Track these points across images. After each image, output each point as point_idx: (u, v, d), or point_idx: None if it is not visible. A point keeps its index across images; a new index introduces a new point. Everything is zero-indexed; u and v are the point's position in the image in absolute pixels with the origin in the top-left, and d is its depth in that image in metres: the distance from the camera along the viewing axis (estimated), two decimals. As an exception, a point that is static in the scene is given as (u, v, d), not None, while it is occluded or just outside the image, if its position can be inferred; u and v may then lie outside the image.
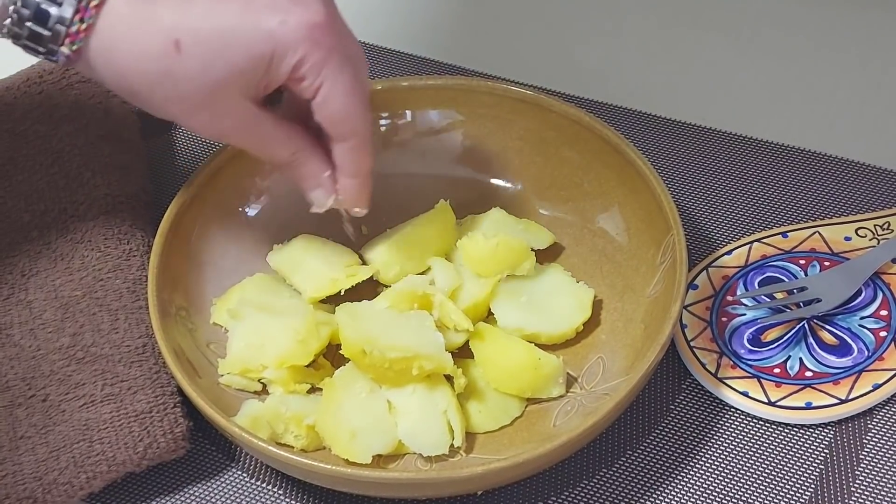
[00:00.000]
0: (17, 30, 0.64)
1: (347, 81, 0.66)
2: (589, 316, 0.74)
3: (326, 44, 0.65)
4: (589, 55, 0.93)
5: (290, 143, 0.69)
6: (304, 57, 0.64)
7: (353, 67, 0.67)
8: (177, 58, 0.63)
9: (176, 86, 0.64)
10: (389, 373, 0.69)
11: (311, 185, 0.70)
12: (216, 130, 0.68)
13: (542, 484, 0.70)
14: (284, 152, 0.69)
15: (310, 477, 0.66)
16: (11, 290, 0.76)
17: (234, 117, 0.66)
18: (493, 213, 0.78)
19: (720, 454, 0.70)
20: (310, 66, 0.65)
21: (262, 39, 0.64)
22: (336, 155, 0.69)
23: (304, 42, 0.64)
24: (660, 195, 0.73)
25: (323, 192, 0.70)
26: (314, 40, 0.64)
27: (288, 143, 0.69)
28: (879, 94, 0.88)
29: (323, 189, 0.70)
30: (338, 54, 0.65)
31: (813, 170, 0.83)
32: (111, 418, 0.69)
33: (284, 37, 0.64)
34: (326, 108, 0.66)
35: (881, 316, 0.74)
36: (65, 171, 0.80)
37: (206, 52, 0.63)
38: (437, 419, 0.69)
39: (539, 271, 0.75)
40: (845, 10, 0.93)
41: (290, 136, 0.69)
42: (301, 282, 0.75)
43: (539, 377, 0.70)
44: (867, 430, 0.70)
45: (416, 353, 0.68)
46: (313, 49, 0.64)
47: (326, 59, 0.65)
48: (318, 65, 0.65)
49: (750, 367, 0.73)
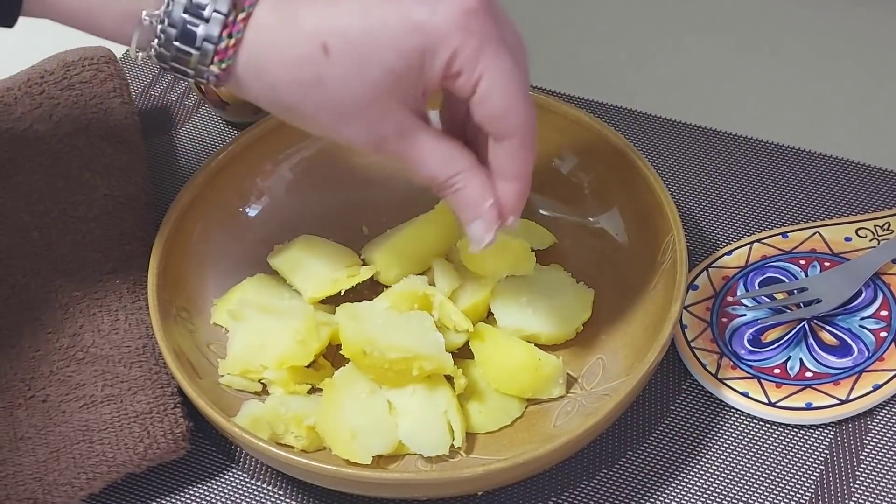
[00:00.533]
0: (164, 51, 0.61)
1: (507, 73, 0.60)
2: (589, 316, 0.74)
3: (482, 32, 0.59)
4: (589, 55, 0.93)
5: (453, 162, 0.62)
6: (459, 48, 0.59)
7: (513, 57, 0.61)
8: (326, 62, 0.59)
9: (328, 92, 0.60)
10: (389, 373, 0.69)
11: (470, 216, 0.63)
12: (372, 139, 0.61)
13: (542, 484, 0.70)
14: (445, 171, 0.62)
15: (310, 477, 0.66)
16: (11, 290, 0.75)
17: (391, 125, 0.61)
18: None
19: (720, 455, 0.70)
20: (465, 58, 0.59)
21: (412, 33, 0.59)
22: (496, 156, 0.63)
23: (457, 32, 0.59)
24: (660, 195, 0.73)
25: (483, 224, 0.63)
26: (468, 29, 0.59)
27: (450, 161, 0.62)
28: (879, 94, 0.88)
29: (483, 221, 0.63)
30: (495, 43, 0.59)
31: (813, 170, 0.83)
32: (111, 419, 0.69)
33: (435, 28, 0.58)
34: (487, 104, 0.61)
35: (881, 316, 0.74)
36: (65, 172, 0.80)
37: (355, 53, 0.59)
38: (438, 419, 0.69)
39: (539, 272, 0.75)
40: (845, 11, 0.93)
41: (452, 153, 0.62)
42: (301, 282, 0.75)
43: (539, 378, 0.70)
44: (867, 431, 0.70)
45: (417, 354, 0.68)
46: (468, 38, 0.59)
47: (482, 49, 0.59)
48: (475, 56, 0.59)
49: (750, 367, 0.73)
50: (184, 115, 0.90)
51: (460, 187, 0.63)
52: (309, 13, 0.59)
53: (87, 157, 0.81)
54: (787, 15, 0.94)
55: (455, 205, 0.64)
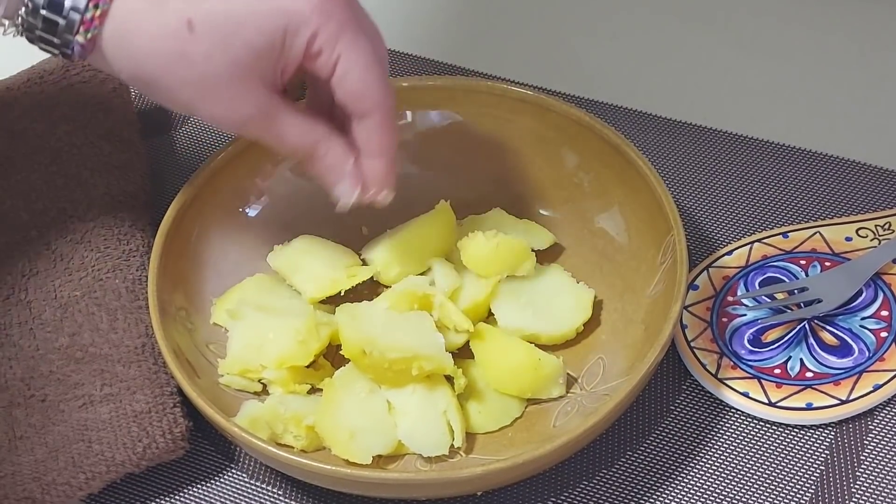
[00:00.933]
0: (31, 20, 0.64)
1: (365, 53, 0.64)
2: (589, 316, 0.74)
3: (339, 16, 0.63)
4: (589, 55, 0.92)
5: (313, 133, 0.67)
6: (318, 29, 0.63)
7: (371, 42, 0.65)
8: (190, 38, 0.62)
9: (192, 67, 0.63)
10: (389, 373, 0.69)
11: (335, 178, 0.68)
12: (234, 118, 0.65)
13: (542, 485, 0.70)
14: (306, 141, 0.67)
15: (309, 477, 0.66)
16: (10, 290, 0.75)
17: (253, 104, 0.65)
18: (494, 213, 0.78)
19: (721, 455, 0.70)
20: (325, 39, 0.63)
21: (274, 14, 0.63)
22: (359, 134, 0.67)
23: (316, 14, 0.63)
24: (660, 195, 0.73)
25: (348, 184, 0.68)
26: (326, 12, 0.63)
27: (310, 132, 0.67)
28: (879, 94, 0.88)
29: (349, 181, 0.68)
30: (352, 25, 0.64)
31: (813, 170, 0.83)
32: (110, 419, 0.69)
33: (297, 10, 0.63)
34: (346, 82, 0.65)
35: (882, 316, 0.73)
36: (63, 171, 0.80)
37: (219, 31, 0.62)
38: (437, 419, 0.69)
39: (539, 272, 0.75)
40: (846, 10, 0.93)
41: (312, 126, 0.67)
42: (301, 282, 0.75)
43: (539, 378, 0.70)
44: (868, 431, 0.70)
45: (416, 354, 0.68)
46: (326, 21, 0.63)
47: (341, 31, 0.63)
48: (333, 37, 0.63)
49: (750, 367, 0.72)
50: (184, 115, 0.90)
51: (323, 154, 0.67)
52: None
53: (86, 155, 0.80)
54: (788, 14, 0.94)
55: (320, 171, 0.68)
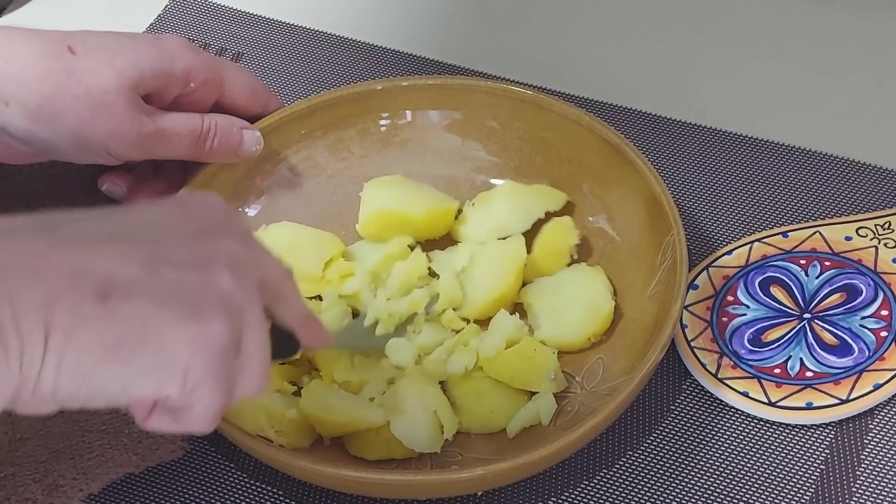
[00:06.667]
0: None
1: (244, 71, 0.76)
2: (605, 329, 0.73)
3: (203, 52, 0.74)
4: (589, 55, 0.92)
5: (196, 118, 0.72)
6: (195, 59, 0.72)
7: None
8: (73, 58, 0.68)
9: (81, 83, 0.68)
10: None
11: (235, 138, 0.74)
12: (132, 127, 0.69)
13: (542, 485, 0.70)
14: (197, 124, 0.72)
15: (309, 477, 0.66)
16: (10, 290, 0.75)
17: (142, 111, 0.69)
18: (505, 185, 0.78)
19: (721, 455, 0.70)
20: (204, 66, 0.72)
21: (149, 42, 0.71)
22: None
23: (186, 48, 0.72)
24: (660, 195, 0.73)
25: (248, 136, 0.75)
26: (193, 49, 0.72)
27: (194, 118, 0.72)
28: (879, 94, 0.88)
29: (246, 134, 0.75)
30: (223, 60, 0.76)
31: (813, 169, 0.83)
32: (110, 419, 0.69)
33: (168, 43, 0.71)
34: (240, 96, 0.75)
35: (882, 316, 0.73)
36: (65, 173, 0.80)
37: (100, 50, 0.69)
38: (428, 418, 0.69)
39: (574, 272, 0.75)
40: (846, 10, 0.93)
41: (190, 115, 0.72)
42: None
43: (531, 367, 0.70)
44: (868, 431, 0.70)
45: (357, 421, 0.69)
46: (199, 53, 0.73)
47: (215, 60, 0.74)
48: (212, 63, 0.73)
49: (750, 367, 0.72)
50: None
51: (214, 130, 0.73)
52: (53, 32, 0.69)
53: (86, 157, 0.80)
54: (788, 14, 0.94)
55: (220, 142, 0.73)
